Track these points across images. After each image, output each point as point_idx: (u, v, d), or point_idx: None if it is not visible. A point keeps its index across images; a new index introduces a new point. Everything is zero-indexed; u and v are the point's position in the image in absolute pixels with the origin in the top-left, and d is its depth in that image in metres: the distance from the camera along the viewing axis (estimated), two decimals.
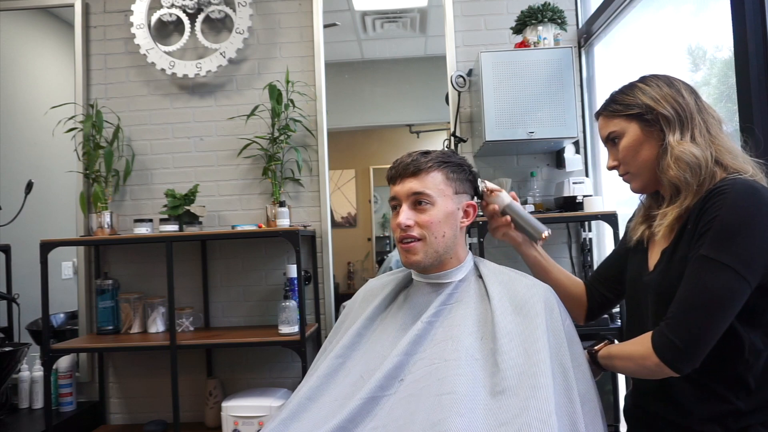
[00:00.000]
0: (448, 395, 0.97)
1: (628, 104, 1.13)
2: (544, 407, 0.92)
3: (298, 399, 1.11)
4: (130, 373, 2.64)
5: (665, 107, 1.08)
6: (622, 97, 1.15)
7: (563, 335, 1.08)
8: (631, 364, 1.08)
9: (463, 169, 1.20)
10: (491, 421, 0.94)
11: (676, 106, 1.08)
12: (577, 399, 1.01)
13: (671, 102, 1.08)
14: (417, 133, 3.27)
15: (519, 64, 2.23)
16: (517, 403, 0.94)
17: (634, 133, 1.12)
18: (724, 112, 1.63)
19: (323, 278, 2.62)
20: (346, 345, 1.17)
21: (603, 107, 1.19)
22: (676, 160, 1.05)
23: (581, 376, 1.08)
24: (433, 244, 1.13)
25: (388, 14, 3.06)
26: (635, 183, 1.17)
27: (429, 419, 0.95)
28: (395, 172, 1.18)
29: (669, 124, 1.08)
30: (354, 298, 1.35)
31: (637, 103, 1.11)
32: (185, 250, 2.63)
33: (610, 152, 1.20)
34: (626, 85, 1.17)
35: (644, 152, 1.12)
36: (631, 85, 1.16)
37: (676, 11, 1.94)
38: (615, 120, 1.15)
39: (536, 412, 0.92)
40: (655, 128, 1.10)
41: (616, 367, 1.17)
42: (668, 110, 1.08)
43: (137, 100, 2.70)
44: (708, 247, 0.97)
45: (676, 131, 1.07)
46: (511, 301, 1.10)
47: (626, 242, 1.27)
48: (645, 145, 1.11)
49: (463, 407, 0.95)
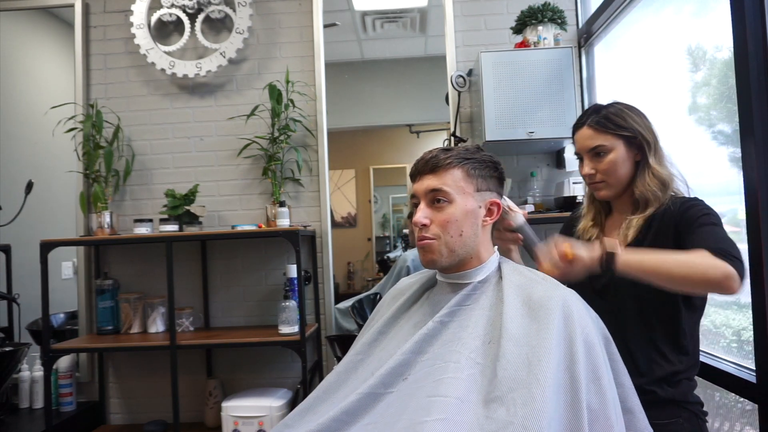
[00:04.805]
0: (439, 398, 0.95)
1: (620, 125, 1.33)
2: (532, 422, 0.85)
3: (316, 393, 1.13)
4: (130, 373, 2.64)
5: (648, 135, 1.33)
6: (614, 118, 1.34)
7: (580, 344, 0.96)
8: (689, 270, 1.09)
9: (488, 165, 1.14)
10: (475, 430, 0.90)
11: (653, 134, 1.34)
12: (585, 415, 0.90)
13: (651, 131, 1.35)
14: (417, 133, 3.27)
15: (519, 64, 2.23)
16: (504, 415, 0.89)
17: (621, 151, 1.34)
18: (724, 112, 1.64)
19: (323, 278, 2.62)
20: (366, 342, 1.18)
21: (593, 120, 1.36)
22: (653, 177, 1.31)
23: (597, 390, 0.95)
24: (449, 244, 1.09)
25: (388, 14, 3.06)
26: (607, 191, 1.38)
27: (412, 419, 0.94)
28: (415, 169, 1.15)
29: (649, 148, 1.33)
30: (387, 294, 1.34)
31: (631, 127, 1.33)
32: (185, 250, 2.63)
33: (589, 161, 1.38)
34: (615, 108, 1.36)
35: (624, 168, 1.35)
36: (619, 109, 1.35)
37: (676, 11, 1.94)
38: (606, 135, 1.34)
39: (521, 428, 0.85)
40: (633, 150, 1.34)
41: (653, 269, 1.12)
42: (649, 137, 1.33)
43: (137, 100, 2.70)
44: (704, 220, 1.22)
45: (653, 155, 1.33)
46: (524, 305, 1.04)
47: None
48: (626, 162, 1.34)
49: (450, 413, 0.92)
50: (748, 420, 1.59)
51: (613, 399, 0.97)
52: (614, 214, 1.45)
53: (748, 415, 1.59)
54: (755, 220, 1.33)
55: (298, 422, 1.09)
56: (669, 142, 1.92)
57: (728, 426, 1.67)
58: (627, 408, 1.03)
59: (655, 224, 1.30)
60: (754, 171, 1.32)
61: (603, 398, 0.95)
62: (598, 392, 0.95)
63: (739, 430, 1.63)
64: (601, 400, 0.94)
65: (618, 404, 0.99)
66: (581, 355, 0.96)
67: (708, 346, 1.68)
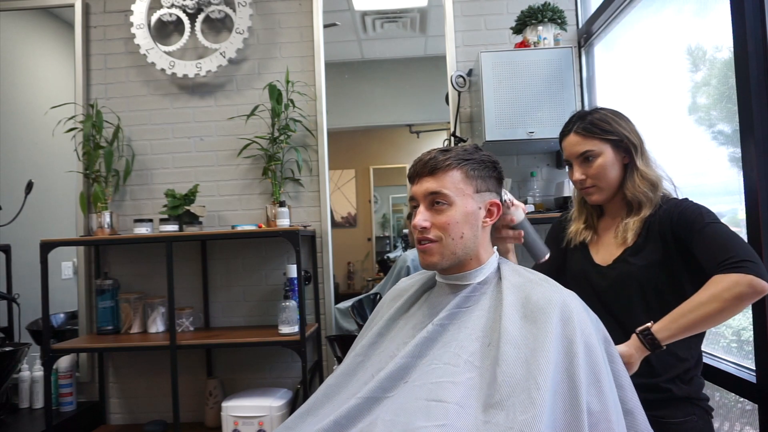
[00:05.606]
0: (438, 403, 0.94)
1: (606, 130, 1.37)
2: (531, 427, 0.85)
3: (317, 396, 1.12)
4: (130, 373, 2.64)
5: (634, 138, 1.36)
6: (600, 123, 1.38)
7: (580, 346, 0.95)
8: (717, 302, 1.13)
9: (487, 165, 1.13)
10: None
11: (638, 138, 1.38)
12: (585, 418, 0.90)
13: (636, 134, 1.38)
14: (417, 133, 3.27)
15: (519, 64, 2.23)
16: (503, 420, 0.88)
17: (609, 155, 1.37)
18: (724, 112, 1.64)
19: (323, 278, 2.62)
20: (366, 344, 1.17)
21: (580, 127, 1.39)
22: (642, 179, 1.34)
23: (597, 392, 0.94)
24: (449, 246, 1.08)
25: (388, 14, 3.06)
26: (599, 196, 1.41)
27: (410, 423, 0.93)
28: (413, 170, 1.13)
29: (636, 151, 1.36)
30: (386, 295, 1.33)
31: (616, 131, 1.36)
32: (185, 250, 2.63)
33: (578, 167, 1.41)
34: (600, 113, 1.40)
35: (614, 172, 1.38)
36: (603, 115, 1.39)
37: (676, 11, 1.94)
38: (593, 140, 1.37)
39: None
40: (621, 153, 1.37)
41: (691, 323, 1.17)
42: (635, 140, 1.36)
43: (137, 100, 2.70)
44: (700, 222, 1.24)
45: (639, 157, 1.36)
46: (523, 307, 1.03)
47: (558, 243, 1.54)
48: (615, 165, 1.38)
49: (449, 418, 0.91)
50: (748, 420, 1.60)
51: (614, 401, 0.96)
52: (606, 217, 1.47)
53: (748, 415, 1.59)
54: (755, 220, 1.33)
55: (298, 425, 1.09)
56: (669, 142, 1.93)
57: (728, 426, 1.67)
58: (627, 409, 1.02)
59: (654, 228, 1.33)
60: (754, 171, 1.32)
61: (603, 400, 0.94)
62: (599, 394, 0.94)
63: (739, 430, 1.63)
64: (601, 402, 0.94)
65: (619, 406, 0.98)
66: (581, 357, 0.94)
67: (708, 346, 1.68)
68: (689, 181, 1.75)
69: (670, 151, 1.88)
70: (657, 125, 1.99)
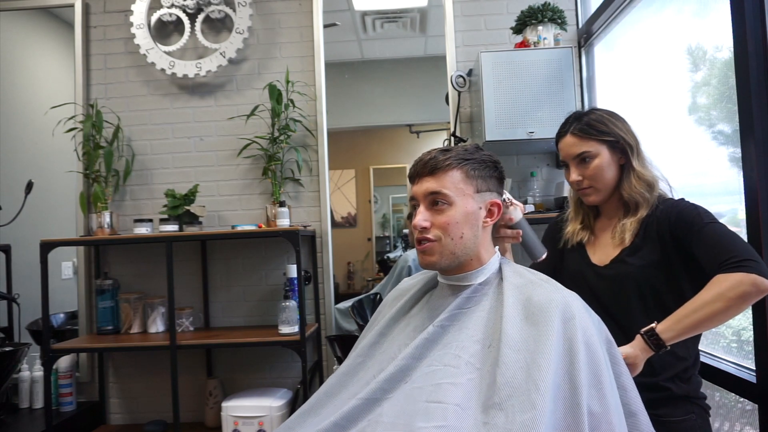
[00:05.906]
0: (438, 404, 0.94)
1: (602, 131, 1.37)
2: (531, 429, 0.84)
3: (318, 396, 1.13)
4: (130, 373, 2.64)
5: (630, 138, 1.37)
6: (596, 124, 1.38)
7: (580, 348, 0.95)
8: (721, 302, 1.14)
9: (487, 165, 1.13)
10: None
11: (634, 138, 1.38)
12: (585, 420, 0.89)
13: (632, 134, 1.38)
14: (417, 133, 3.27)
15: (519, 64, 2.23)
16: (503, 422, 0.88)
17: (605, 156, 1.38)
18: (724, 112, 1.64)
19: (323, 278, 2.62)
20: (367, 345, 1.17)
21: (576, 128, 1.39)
22: (639, 179, 1.35)
23: (598, 394, 0.93)
24: (449, 246, 1.08)
25: (388, 14, 3.06)
26: (596, 197, 1.41)
27: (409, 425, 0.93)
28: (414, 170, 1.13)
29: (632, 151, 1.36)
30: (389, 295, 1.32)
31: (613, 132, 1.37)
32: (185, 250, 2.63)
33: (575, 168, 1.41)
34: (596, 114, 1.40)
35: (610, 173, 1.38)
36: (599, 116, 1.40)
37: (676, 11, 1.94)
38: (590, 142, 1.38)
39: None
40: (617, 154, 1.38)
41: (695, 322, 1.17)
42: (631, 141, 1.37)
43: (137, 100, 2.70)
44: (698, 222, 1.25)
45: (635, 158, 1.36)
46: (523, 308, 1.02)
47: (555, 243, 1.54)
48: (611, 166, 1.38)
49: (449, 419, 0.92)
50: (748, 420, 1.60)
51: (615, 402, 0.95)
52: (602, 218, 1.48)
53: (748, 415, 1.59)
54: (755, 220, 1.33)
55: (299, 425, 1.09)
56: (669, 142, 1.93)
57: (728, 426, 1.67)
58: (631, 411, 1.02)
59: (651, 228, 1.33)
60: (754, 171, 1.32)
61: (605, 402, 0.93)
62: (600, 396, 0.93)
63: (739, 430, 1.63)
64: (602, 404, 0.93)
65: (620, 407, 0.98)
66: (582, 359, 0.94)
67: (708, 346, 1.68)
68: (689, 181, 1.75)
69: (671, 151, 1.88)
70: (657, 125, 1.99)
